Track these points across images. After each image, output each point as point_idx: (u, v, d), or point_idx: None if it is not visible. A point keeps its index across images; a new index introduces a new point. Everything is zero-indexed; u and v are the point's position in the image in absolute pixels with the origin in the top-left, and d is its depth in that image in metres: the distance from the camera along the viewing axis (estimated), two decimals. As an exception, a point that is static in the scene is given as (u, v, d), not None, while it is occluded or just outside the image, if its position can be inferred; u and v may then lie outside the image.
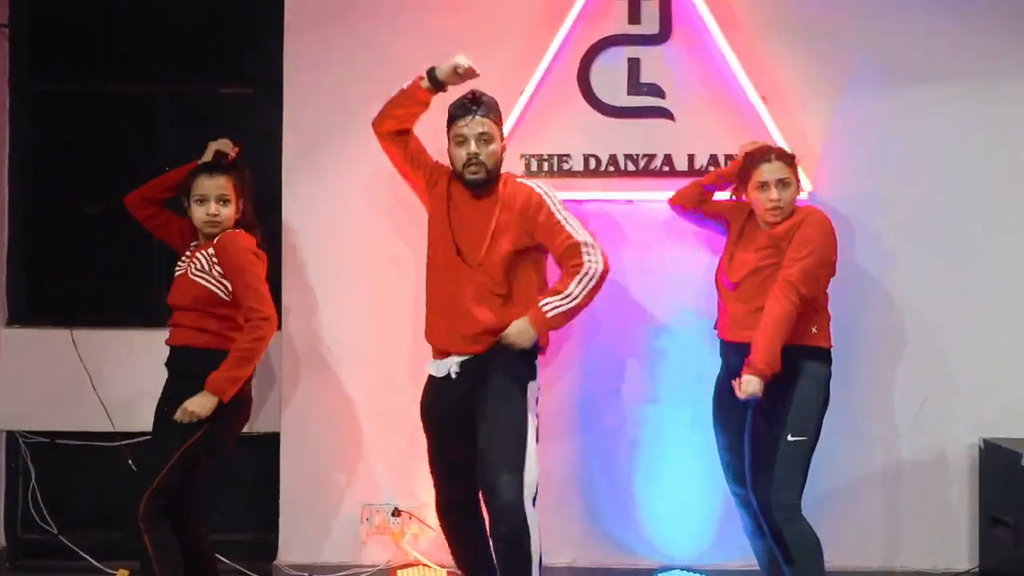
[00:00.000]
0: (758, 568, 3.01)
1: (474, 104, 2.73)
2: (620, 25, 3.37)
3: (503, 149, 2.81)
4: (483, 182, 2.73)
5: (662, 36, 3.38)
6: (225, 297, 2.77)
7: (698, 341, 3.25)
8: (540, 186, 2.79)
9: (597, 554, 3.37)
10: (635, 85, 3.39)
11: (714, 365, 3.04)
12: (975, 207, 3.35)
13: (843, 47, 3.38)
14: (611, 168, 3.37)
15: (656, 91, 3.39)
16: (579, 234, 2.70)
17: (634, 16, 3.36)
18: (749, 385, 2.63)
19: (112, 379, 3.51)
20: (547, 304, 2.66)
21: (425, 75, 2.71)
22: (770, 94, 3.33)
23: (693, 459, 3.29)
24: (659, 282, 3.36)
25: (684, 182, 3.22)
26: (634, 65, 3.38)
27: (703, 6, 3.32)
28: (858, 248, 3.29)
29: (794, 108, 3.36)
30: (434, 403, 2.81)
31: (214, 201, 2.81)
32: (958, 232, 3.33)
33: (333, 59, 3.42)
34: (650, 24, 3.36)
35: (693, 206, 3.11)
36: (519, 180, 2.83)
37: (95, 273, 3.70)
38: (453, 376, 2.74)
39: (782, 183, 2.82)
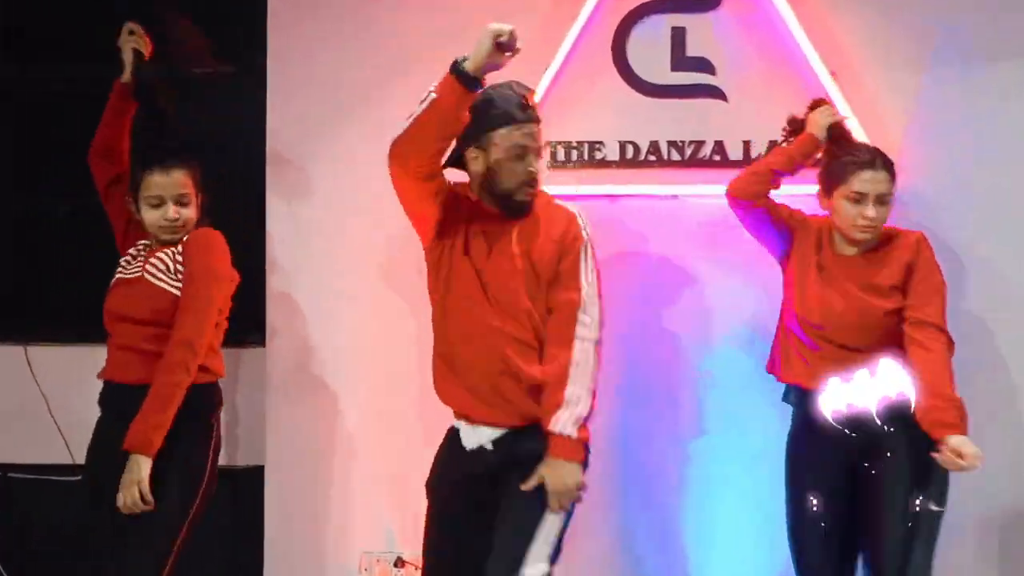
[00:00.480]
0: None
1: (532, 108, 2.28)
2: (662, -12, 3.05)
3: None
4: (529, 205, 2.28)
5: (712, 1, 3.04)
6: None
7: (755, 363, 2.85)
8: (581, 217, 2.34)
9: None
10: (680, 59, 3.05)
11: (773, 391, 2.66)
12: None
13: (924, 14, 3.02)
14: (652, 157, 3.03)
15: (705, 66, 3.04)
16: (585, 289, 2.27)
17: (679, -22, 3.03)
18: (968, 446, 2.20)
19: (72, 403, 3.22)
20: (557, 424, 2.19)
21: (452, 74, 2.10)
22: (840, 69, 2.97)
23: (749, 501, 2.94)
24: (710, 293, 3.01)
25: (739, 173, 2.84)
26: (679, 35, 3.05)
27: (761, -34, 2.95)
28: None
29: (869, 85, 3.00)
30: (449, 473, 2.37)
31: (172, 203, 2.45)
32: None
33: (326, 36, 3.13)
34: (698, -13, 3.04)
35: (760, 200, 2.65)
36: (556, 202, 2.39)
37: (54, 282, 3.46)
38: (489, 448, 2.29)
39: (881, 199, 2.41)
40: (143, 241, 2.57)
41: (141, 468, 2.29)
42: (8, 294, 3.47)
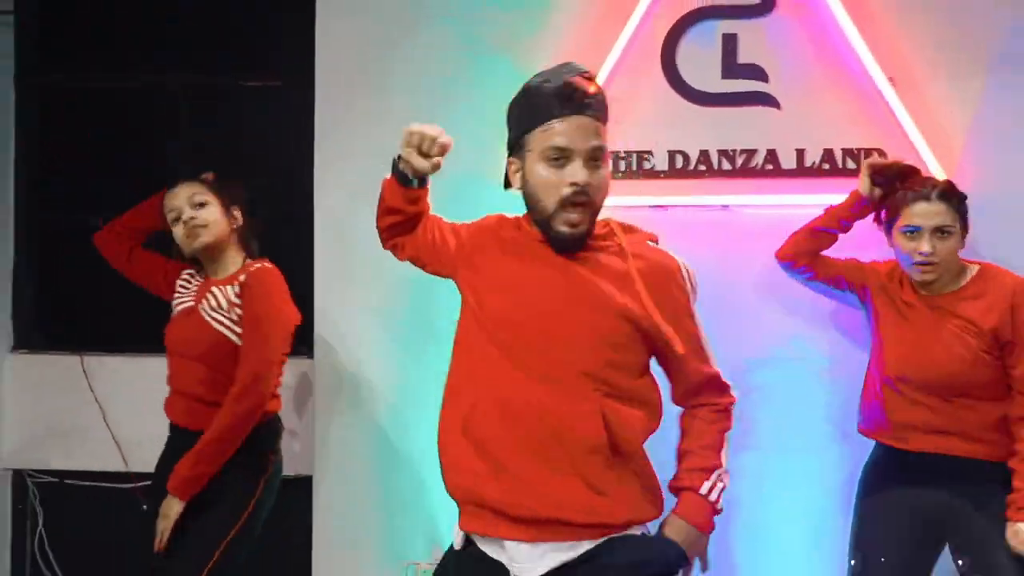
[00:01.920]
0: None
1: (586, 97, 1.68)
2: (712, -6, 2.99)
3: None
4: (581, 238, 1.70)
5: (765, 7, 2.96)
6: None
7: (808, 376, 2.84)
8: (685, 268, 1.83)
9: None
10: (731, 66, 2.98)
11: (829, 405, 2.69)
12: None
13: (988, 17, 2.91)
14: (702, 167, 2.96)
15: (757, 73, 2.97)
16: (714, 360, 1.86)
17: (730, -16, 2.96)
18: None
19: (126, 412, 3.36)
20: (705, 488, 1.76)
21: (391, 172, 1.80)
22: (899, 75, 2.88)
23: (801, 522, 2.86)
24: (762, 304, 2.94)
25: (792, 183, 2.85)
26: (730, 42, 2.98)
27: (816, -31, 2.88)
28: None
29: (929, 92, 2.90)
30: None
31: (188, 207, 2.52)
32: None
33: (369, 47, 3.15)
34: (750, -7, 2.97)
35: (802, 259, 2.60)
36: (652, 245, 1.85)
37: (108, 294, 3.48)
38: None
39: (941, 232, 2.28)
40: (187, 271, 2.64)
41: (172, 509, 2.39)
42: (64, 306, 3.59)
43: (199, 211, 2.53)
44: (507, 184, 1.80)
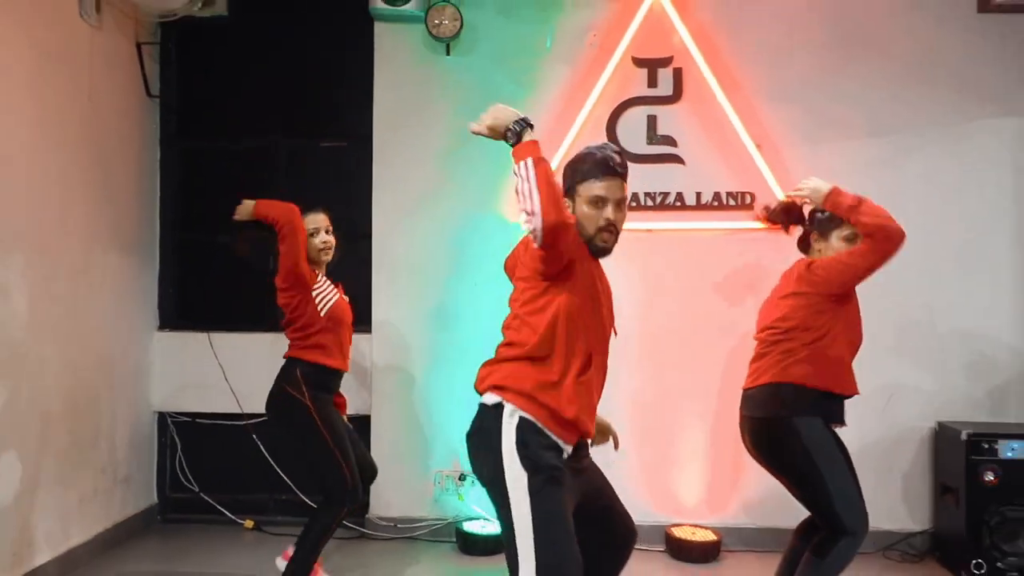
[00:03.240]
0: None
1: (622, 167, 2.29)
2: (641, 89, 4.14)
3: None
4: (610, 251, 2.31)
5: (675, 97, 4.13)
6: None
7: (703, 346, 4.05)
8: None
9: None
10: (653, 136, 4.13)
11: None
12: (941, 233, 4.01)
13: (822, 104, 4.08)
14: (634, 203, 4.10)
15: (670, 141, 4.13)
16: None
17: (652, 81, 4.13)
18: None
19: (240, 372, 4.30)
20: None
21: (526, 137, 2.16)
22: (763, 142, 4.05)
23: (692, 428, 4.07)
24: (671, 297, 4.13)
25: (693, 214, 4.04)
26: (652, 120, 4.14)
27: (708, 73, 4.08)
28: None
29: (784, 154, 4.08)
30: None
31: (324, 232, 3.38)
32: (924, 255, 3.92)
33: (416, 115, 4.20)
34: (665, 88, 4.13)
35: None
36: None
37: (226, 289, 4.50)
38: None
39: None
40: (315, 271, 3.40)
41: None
42: (194, 299, 4.55)
43: (329, 236, 3.37)
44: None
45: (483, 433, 2.25)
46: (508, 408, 2.19)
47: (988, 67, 4.06)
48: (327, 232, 3.38)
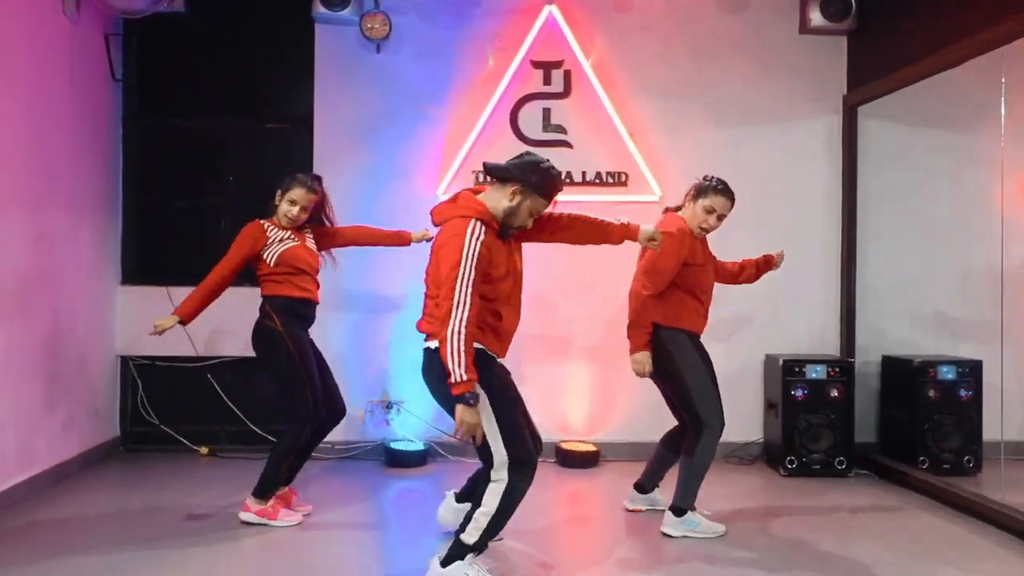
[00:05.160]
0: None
1: (559, 186, 3.14)
2: (537, 86, 5.03)
3: None
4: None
5: (565, 93, 5.03)
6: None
7: (587, 297, 4.98)
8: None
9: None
10: (547, 125, 5.01)
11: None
12: (770, 204, 5.04)
13: (680, 101, 5.05)
14: None
15: (561, 129, 5.03)
16: None
17: (547, 80, 5.02)
18: None
19: (196, 320, 4.50)
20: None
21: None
22: (635, 131, 4.99)
23: (578, 363, 5.03)
24: (563, 257, 4.82)
25: (580, 189, 4.94)
26: (547, 112, 5.03)
27: (592, 74, 5.00)
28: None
29: (650, 140, 5.03)
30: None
31: (302, 204, 3.93)
32: (756, 223, 4.92)
33: (350, 103, 4.97)
34: (558, 86, 5.02)
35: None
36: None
37: (183, 248, 5.08)
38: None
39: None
40: (270, 227, 3.87)
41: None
42: (154, 256, 5.12)
43: (302, 214, 3.80)
44: (501, 179, 3.03)
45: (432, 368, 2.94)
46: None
47: (806, 76, 5.13)
48: (303, 211, 3.81)
